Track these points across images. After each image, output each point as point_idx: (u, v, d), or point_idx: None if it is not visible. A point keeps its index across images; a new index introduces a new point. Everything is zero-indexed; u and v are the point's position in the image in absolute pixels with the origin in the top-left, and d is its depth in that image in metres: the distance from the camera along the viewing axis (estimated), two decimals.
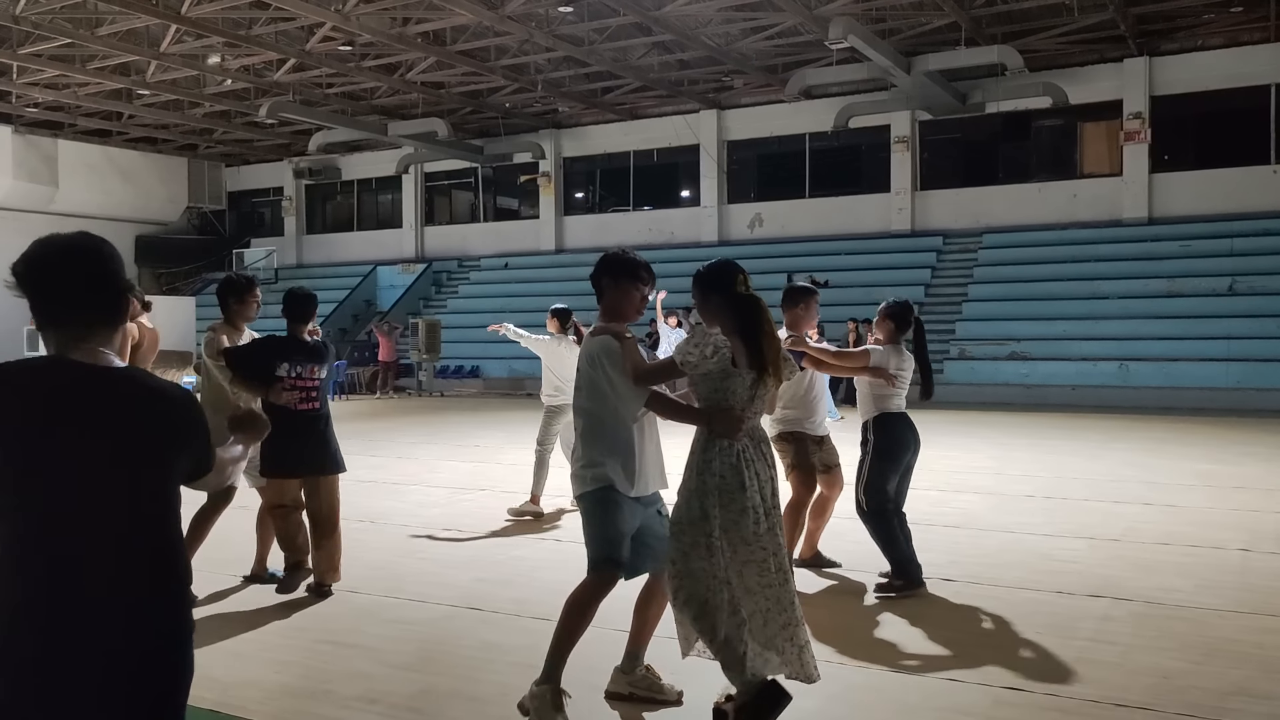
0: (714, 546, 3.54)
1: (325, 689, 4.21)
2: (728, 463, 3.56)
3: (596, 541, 3.82)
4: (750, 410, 3.62)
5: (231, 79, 23.39)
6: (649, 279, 3.95)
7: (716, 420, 3.58)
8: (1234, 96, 21.23)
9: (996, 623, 5.06)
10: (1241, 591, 5.62)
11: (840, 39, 17.55)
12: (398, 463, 11.53)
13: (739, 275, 3.67)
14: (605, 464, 3.78)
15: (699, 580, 3.55)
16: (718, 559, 3.53)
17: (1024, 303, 21.32)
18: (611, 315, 3.92)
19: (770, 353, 3.58)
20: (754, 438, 3.67)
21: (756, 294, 3.65)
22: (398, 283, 29.87)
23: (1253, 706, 3.93)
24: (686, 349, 3.59)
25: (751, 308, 3.60)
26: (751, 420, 3.65)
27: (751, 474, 3.58)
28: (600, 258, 4.03)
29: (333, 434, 5.68)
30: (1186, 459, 11.14)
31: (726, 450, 3.57)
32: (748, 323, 3.58)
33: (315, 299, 5.74)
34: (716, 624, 3.53)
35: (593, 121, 27.87)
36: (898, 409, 5.71)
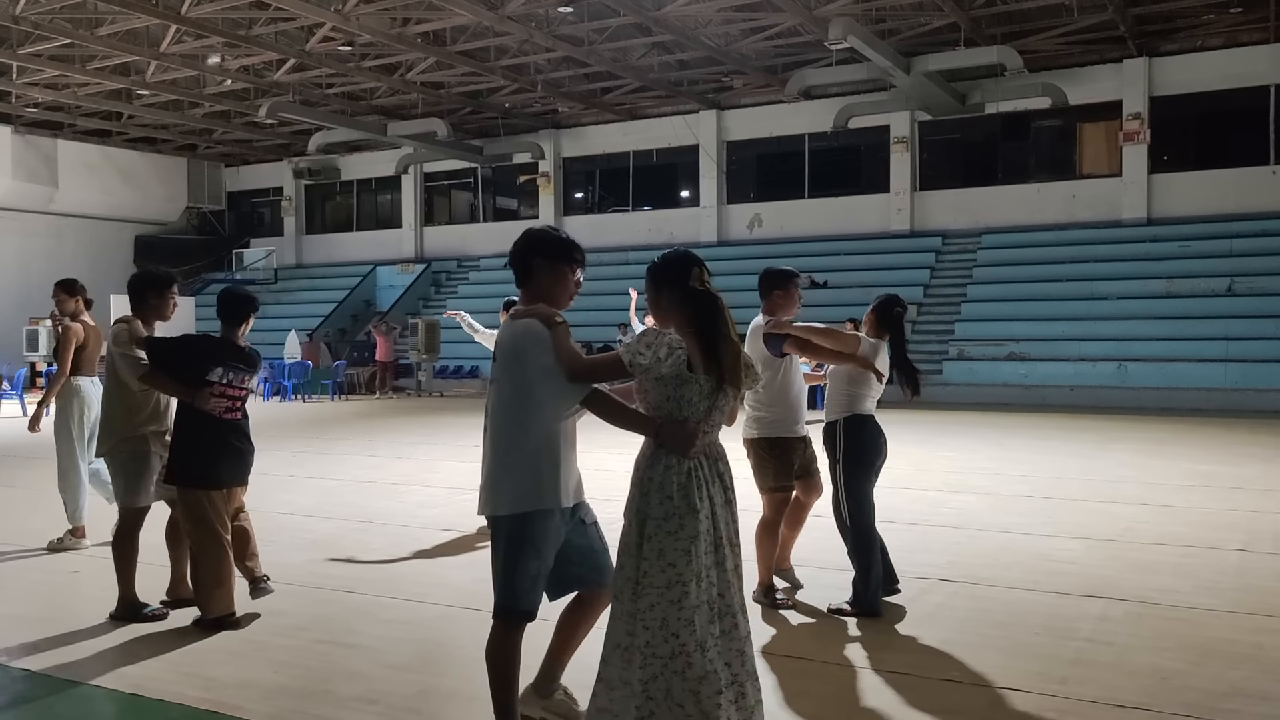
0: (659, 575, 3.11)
1: (324, 689, 4.21)
2: (676, 481, 3.10)
3: (504, 584, 3.34)
4: (707, 423, 3.16)
5: (231, 79, 23.39)
6: (582, 261, 3.55)
7: (667, 432, 3.12)
8: (1233, 97, 21.25)
9: (994, 623, 5.06)
10: (1239, 592, 5.62)
11: (840, 39, 17.57)
12: (396, 463, 11.52)
13: (695, 268, 3.20)
14: (524, 476, 3.30)
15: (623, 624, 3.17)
16: (634, 599, 3.13)
17: (1023, 303, 21.33)
18: (538, 300, 3.41)
19: (728, 357, 3.13)
20: (710, 455, 3.19)
21: (714, 290, 3.19)
22: (397, 283, 29.88)
23: (1250, 707, 3.93)
24: (637, 349, 3.13)
25: (709, 305, 3.15)
26: (709, 435, 3.18)
27: (704, 496, 3.11)
28: (525, 233, 3.53)
29: (251, 446, 5.26)
30: (1184, 459, 11.15)
31: (676, 467, 3.11)
32: (704, 322, 3.14)
33: (255, 301, 5.34)
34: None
35: (592, 122, 27.88)
36: (868, 411, 5.29)
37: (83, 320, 7.18)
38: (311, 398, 22.63)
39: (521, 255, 3.46)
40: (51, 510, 7.40)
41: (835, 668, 4.41)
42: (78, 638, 4.92)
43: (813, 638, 4.89)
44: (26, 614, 5.35)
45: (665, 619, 3.07)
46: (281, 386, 22.72)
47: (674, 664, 3.06)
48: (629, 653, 3.13)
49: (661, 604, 3.08)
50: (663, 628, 3.07)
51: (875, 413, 5.39)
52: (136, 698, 4.13)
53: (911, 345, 21.92)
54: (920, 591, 5.67)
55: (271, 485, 9.16)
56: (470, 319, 8.62)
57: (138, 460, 5.30)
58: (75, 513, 6.96)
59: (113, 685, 4.25)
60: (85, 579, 6.17)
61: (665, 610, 3.08)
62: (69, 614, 5.35)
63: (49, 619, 5.27)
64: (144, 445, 5.32)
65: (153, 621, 5.14)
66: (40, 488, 7.65)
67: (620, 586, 3.19)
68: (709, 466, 3.16)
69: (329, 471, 10.69)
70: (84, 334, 7.11)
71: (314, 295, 30.64)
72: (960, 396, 19.35)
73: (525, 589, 3.32)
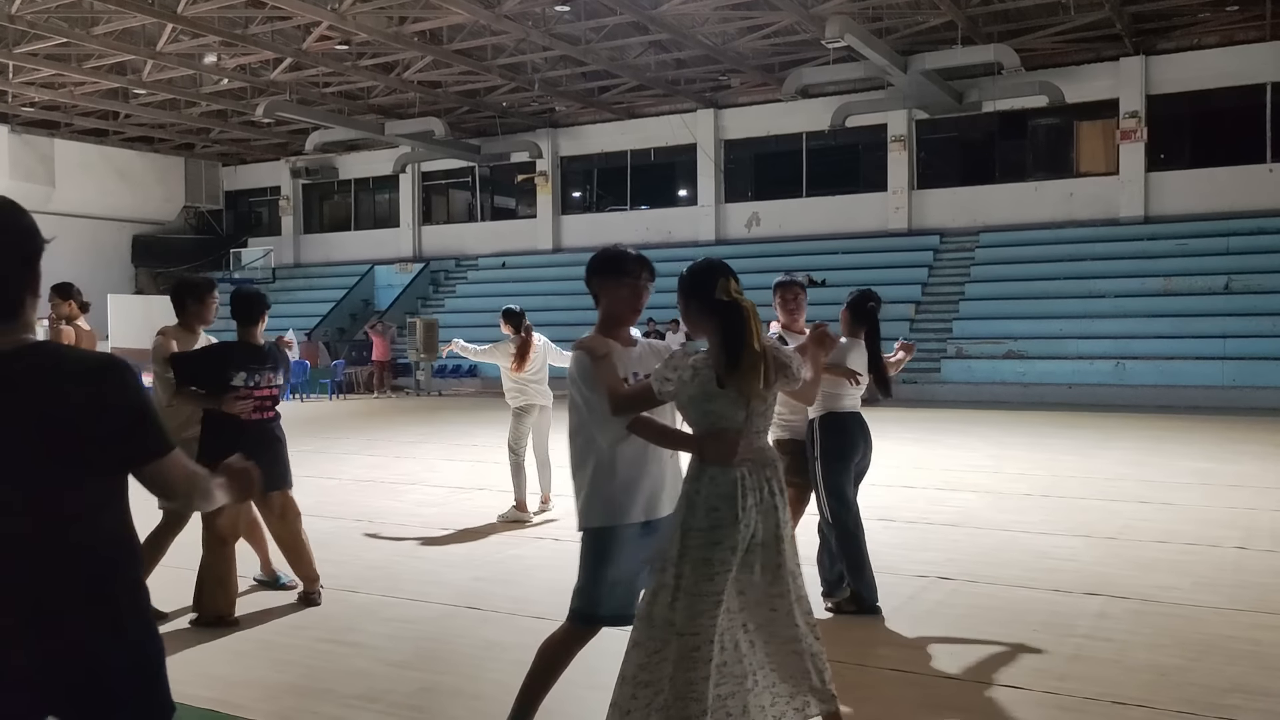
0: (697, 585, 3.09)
1: (326, 687, 4.22)
2: (719, 492, 3.10)
3: (579, 589, 3.45)
4: (748, 431, 3.14)
5: (228, 78, 23.38)
6: (639, 271, 3.50)
7: (707, 447, 3.12)
8: (1230, 95, 21.27)
9: (993, 621, 5.07)
10: (1238, 589, 5.64)
11: (837, 38, 17.58)
12: (396, 462, 11.53)
13: (720, 279, 3.16)
14: (591, 494, 3.40)
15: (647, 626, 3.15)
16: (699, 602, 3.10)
17: (1020, 301, 21.35)
18: (607, 321, 3.50)
19: (746, 362, 3.10)
20: (758, 461, 3.17)
21: (740, 299, 3.16)
22: (395, 282, 29.87)
23: (1249, 703, 3.95)
24: (663, 374, 3.15)
25: (732, 316, 3.13)
26: (756, 441, 3.18)
27: (746, 505, 3.10)
28: (590, 258, 3.61)
29: (283, 447, 5.37)
30: (1183, 457, 11.16)
31: (719, 478, 3.11)
32: (725, 332, 3.12)
33: (265, 299, 5.38)
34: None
35: (590, 121, 27.88)
36: (848, 408, 5.25)
37: (76, 324, 7.16)
38: (310, 397, 22.63)
39: (586, 281, 3.57)
40: None
41: (833, 665, 4.40)
42: None
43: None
44: None
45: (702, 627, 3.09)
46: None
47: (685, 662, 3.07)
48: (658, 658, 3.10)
49: (699, 612, 3.09)
50: (703, 635, 3.09)
51: (860, 409, 5.37)
52: None
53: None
54: (919, 589, 5.68)
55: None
56: (463, 344, 8.58)
57: None
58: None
59: None
60: None
61: (704, 620, 3.09)
62: None
63: None
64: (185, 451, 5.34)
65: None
66: None
67: (655, 593, 3.15)
68: (757, 474, 3.15)
69: (328, 471, 10.69)
70: (75, 338, 7.10)
71: (312, 295, 30.63)
72: (958, 395, 19.37)
73: (598, 597, 3.42)
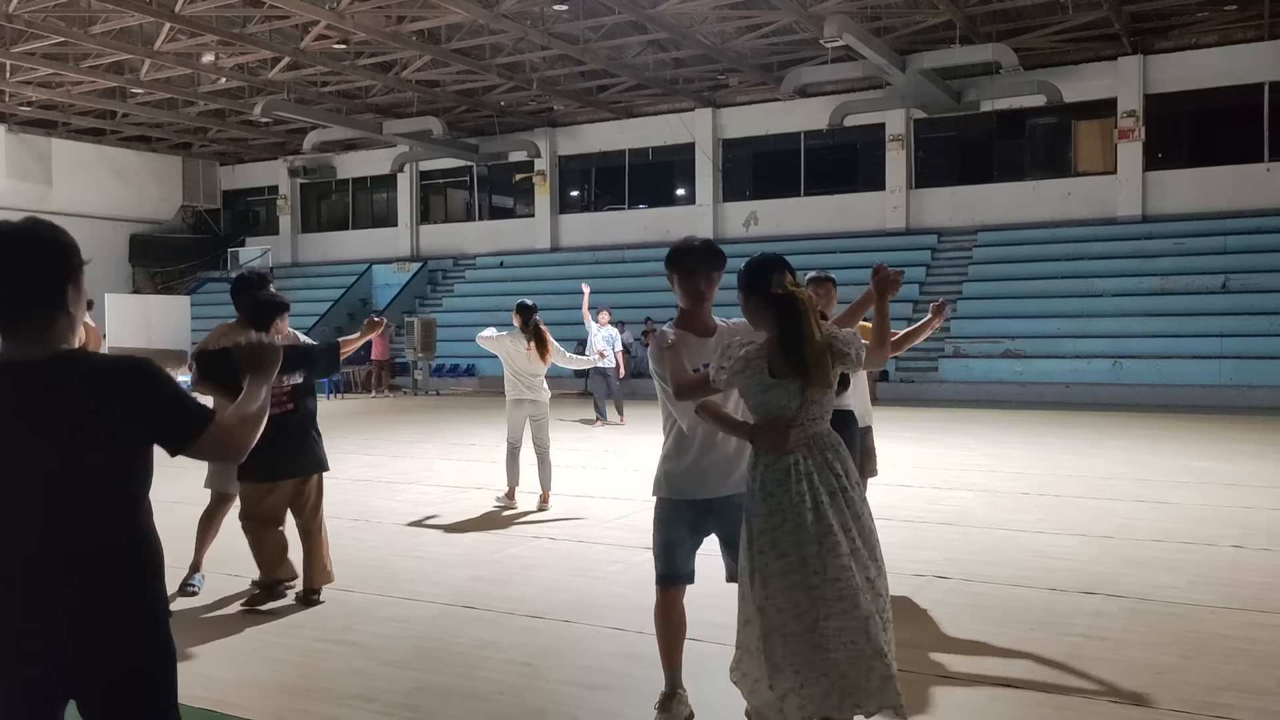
0: (767, 568, 3.24)
1: (322, 687, 4.22)
2: (773, 478, 3.24)
3: (654, 554, 3.79)
4: (804, 419, 3.25)
5: (226, 77, 23.36)
6: (696, 262, 3.67)
7: (759, 434, 3.28)
8: (1228, 95, 21.28)
9: (989, 619, 5.08)
10: (1234, 588, 5.64)
11: (835, 37, 17.58)
12: (393, 461, 11.52)
13: (774, 274, 3.29)
14: (666, 467, 3.71)
15: (747, 604, 3.32)
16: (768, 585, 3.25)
17: (1018, 300, 21.37)
18: (681, 311, 3.75)
19: (810, 358, 3.22)
20: (816, 447, 3.27)
21: (797, 292, 3.28)
22: (393, 281, 29.86)
23: (1244, 701, 3.95)
24: (719, 364, 3.33)
25: (788, 309, 3.25)
26: (812, 428, 3.27)
27: (803, 489, 3.21)
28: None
29: (313, 435, 5.54)
30: (1179, 456, 11.17)
31: (774, 465, 3.25)
32: (784, 325, 3.24)
33: (276, 304, 5.55)
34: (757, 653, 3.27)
35: (588, 120, 27.87)
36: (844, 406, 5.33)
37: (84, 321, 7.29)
38: None
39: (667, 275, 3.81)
40: None
41: None
42: None
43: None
44: None
45: (795, 601, 3.20)
46: None
47: (811, 637, 3.20)
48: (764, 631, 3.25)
49: (785, 589, 3.21)
50: (794, 609, 3.20)
51: (853, 407, 5.46)
52: None
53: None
54: (916, 588, 5.69)
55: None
56: (483, 333, 8.62)
57: None
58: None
59: None
60: None
61: (793, 594, 3.20)
62: None
63: None
64: None
65: (183, 594, 5.56)
66: None
67: (742, 578, 3.35)
68: (814, 459, 3.26)
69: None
70: (84, 335, 7.23)
71: (310, 294, 30.58)
72: (956, 394, 19.38)
73: (665, 556, 3.74)
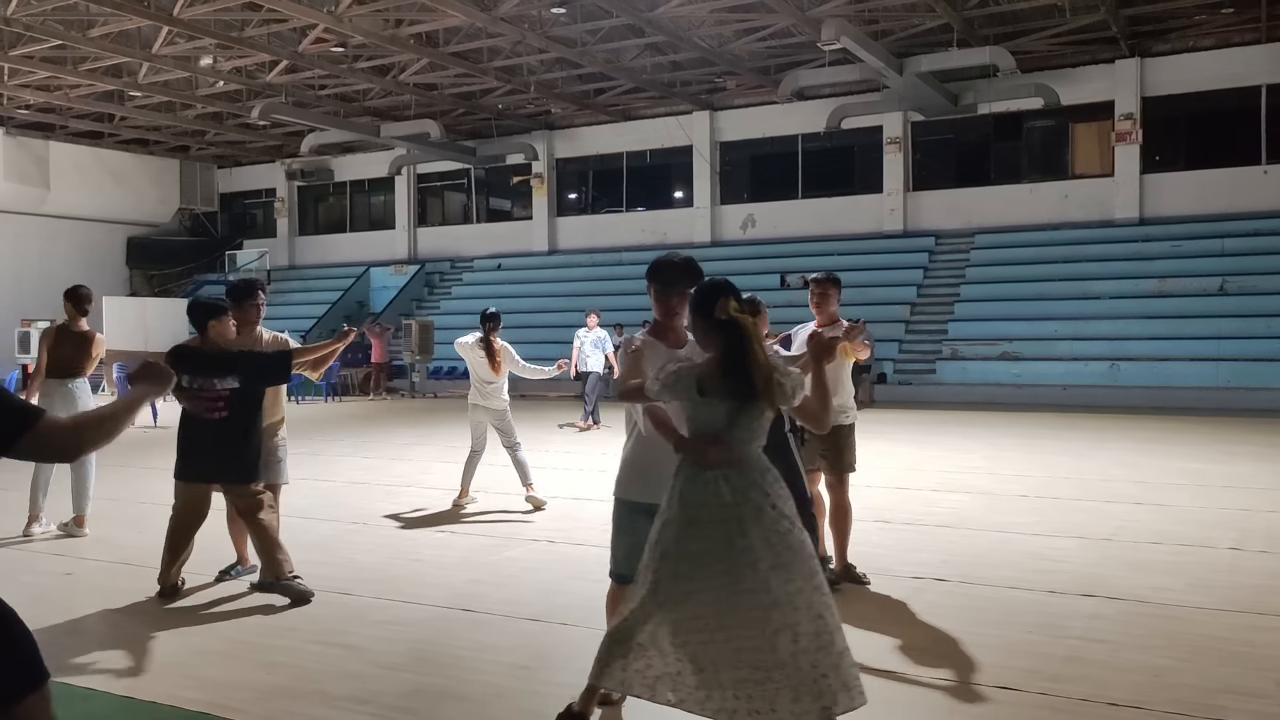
0: (657, 575, 3.33)
1: (316, 689, 4.21)
2: (692, 489, 3.33)
3: (611, 550, 3.96)
4: (731, 437, 3.32)
5: (223, 80, 23.35)
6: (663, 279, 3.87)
7: (684, 445, 3.39)
8: (1225, 97, 21.31)
9: (987, 622, 5.08)
10: (1231, 590, 5.64)
11: (833, 40, 17.58)
12: (390, 464, 11.51)
13: (721, 298, 3.38)
14: (621, 470, 3.92)
15: (628, 604, 3.41)
16: (666, 587, 3.32)
17: (1015, 303, 21.38)
18: (656, 321, 4.00)
19: (759, 378, 3.29)
20: (747, 467, 3.34)
21: (740, 318, 3.35)
22: (390, 284, 29.84)
23: (1241, 704, 3.95)
24: (655, 375, 3.45)
25: (731, 334, 3.34)
26: (740, 449, 3.34)
27: (724, 502, 3.28)
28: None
29: (244, 444, 5.54)
30: (1177, 458, 11.18)
31: (695, 476, 3.34)
32: (727, 349, 3.34)
33: (207, 308, 5.69)
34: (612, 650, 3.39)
35: (585, 123, 27.88)
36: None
37: (78, 327, 7.53)
38: (305, 399, 22.60)
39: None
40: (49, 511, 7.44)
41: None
42: (70, 640, 4.91)
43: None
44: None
45: (691, 608, 3.29)
46: None
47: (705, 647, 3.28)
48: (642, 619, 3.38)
49: (682, 594, 3.30)
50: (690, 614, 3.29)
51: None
52: (129, 699, 4.12)
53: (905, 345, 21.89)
54: (914, 590, 5.68)
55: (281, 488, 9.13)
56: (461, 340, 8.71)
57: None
58: (33, 505, 7.36)
59: (105, 687, 4.24)
60: (77, 581, 6.16)
61: (691, 600, 3.28)
62: (62, 616, 5.33)
63: (41, 621, 5.24)
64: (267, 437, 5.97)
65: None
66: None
67: (640, 573, 3.43)
68: (742, 479, 3.31)
69: (323, 473, 10.67)
70: (54, 337, 7.47)
71: (307, 297, 30.59)
72: (953, 396, 19.39)
73: (617, 555, 3.91)
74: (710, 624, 3.26)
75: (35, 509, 7.37)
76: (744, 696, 3.22)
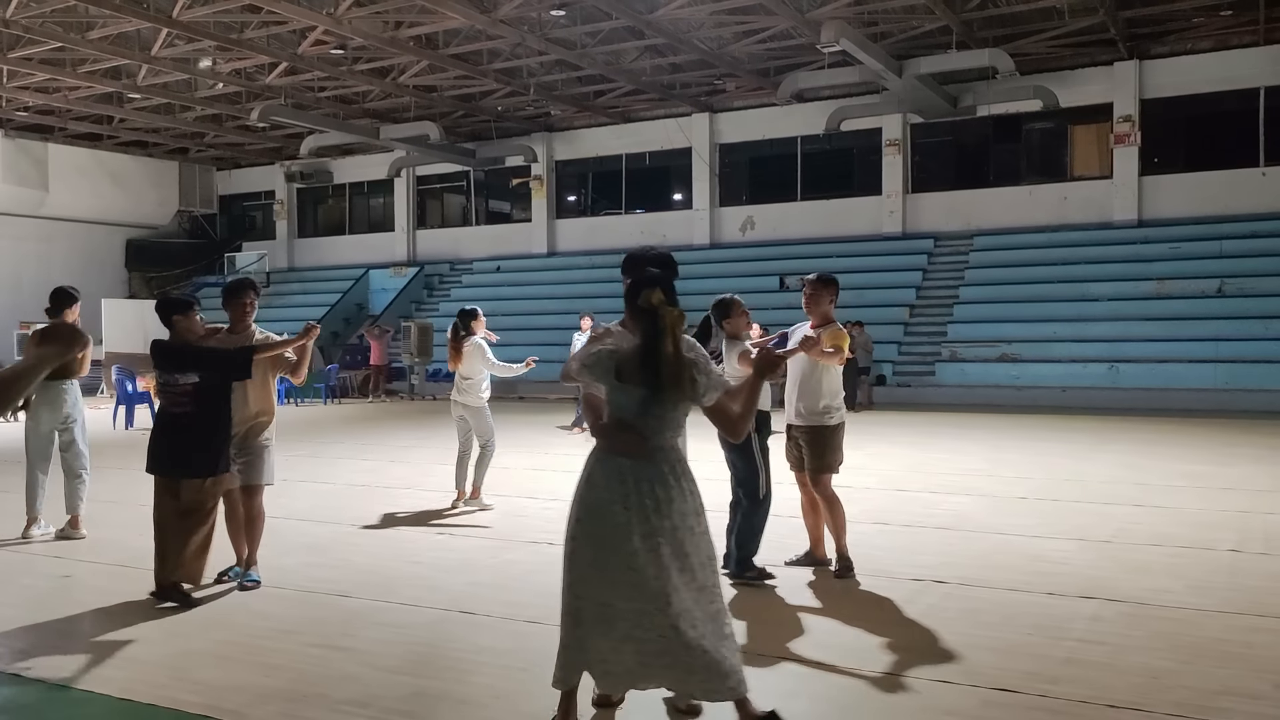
0: (575, 552, 3.46)
1: (317, 692, 4.20)
2: (601, 472, 3.42)
3: None
4: (642, 426, 3.38)
5: (223, 83, 23.36)
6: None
7: (599, 430, 3.47)
8: (1223, 99, 21.34)
9: (987, 624, 5.07)
10: (1230, 592, 5.64)
11: (832, 42, 17.60)
12: (390, 466, 11.51)
13: (646, 290, 3.44)
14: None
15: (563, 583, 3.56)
16: (574, 567, 3.47)
17: (1014, 304, 21.39)
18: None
19: (665, 370, 3.34)
20: (659, 458, 3.39)
21: (660, 309, 3.40)
22: (389, 286, 29.83)
23: (1241, 706, 3.95)
24: (578, 355, 3.54)
25: (648, 323, 3.40)
26: (654, 439, 3.39)
27: (628, 489, 3.35)
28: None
29: (203, 439, 5.55)
30: (1176, 460, 11.18)
31: (604, 460, 3.43)
32: (644, 338, 3.40)
33: (174, 303, 5.80)
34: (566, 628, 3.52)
35: (585, 125, 27.90)
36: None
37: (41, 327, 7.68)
38: (304, 401, 22.60)
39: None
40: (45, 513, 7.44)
41: (828, 668, 4.42)
42: (68, 642, 4.91)
43: (805, 639, 4.90)
44: (16, 618, 5.33)
45: (598, 587, 3.42)
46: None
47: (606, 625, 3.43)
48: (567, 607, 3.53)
49: (591, 574, 3.44)
50: (596, 594, 3.42)
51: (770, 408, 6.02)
52: (127, 702, 4.11)
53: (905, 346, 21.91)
54: (914, 593, 5.68)
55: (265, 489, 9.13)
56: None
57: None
58: (31, 508, 7.40)
59: (103, 690, 4.24)
60: (76, 583, 6.15)
61: (597, 581, 3.42)
62: (59, 618, 5.33)
63: (39, 623, 5.25)
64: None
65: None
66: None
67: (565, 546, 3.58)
68: (650, 469, 3.37)
69: (322, 475, 10.68)
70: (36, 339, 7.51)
71: (306, 299, 30.58)
72: (953, 398, 19.39)
73: None
74: (610, 612, 3.36)
75: (33, 511, 7.36)
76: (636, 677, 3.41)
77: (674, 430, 3.45)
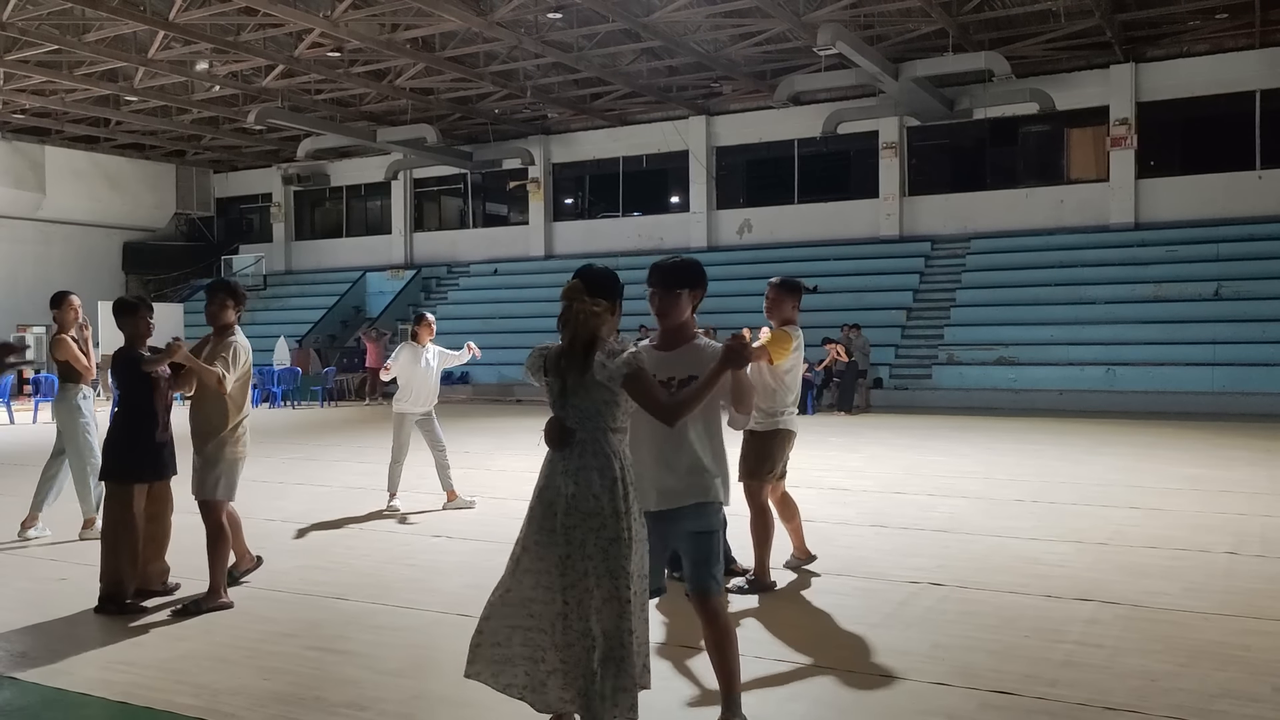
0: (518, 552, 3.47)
1: (315, 695, 4.20)
2: (543, 467, 3.45)
3: None
4: (564, 416, 3.37)
5: (220, 85, 23.36)
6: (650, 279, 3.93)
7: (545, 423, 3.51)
8: (1219, 103, 21.40)
9: (984, 626, 5.08)
10: (1227, 594, 5.65)
11: (829, 45, 17.63)
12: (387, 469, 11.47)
13: (572, 280, 3.42)
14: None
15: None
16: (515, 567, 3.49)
17: (1011, 307, 21.42)
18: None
19: (566, 358, 3.35)
20: (586, 452, 3.34)
21: (573, 299, 3.36)
22: (387, 289, 29.83)
23: (1238, 708, 3.95)
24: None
25: (562, 315, 3.41)
26: (580, 433, 3.35)
27: (546, 481, 3.40)
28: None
29: (121, 442, 5.67)
30: (1173, 463, 11.20)
31: (546, 456, 3.46)
32: (561, 330, 3.43)
33: (118, 304, 5.81)
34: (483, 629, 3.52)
35: (582, 127, 27.91)
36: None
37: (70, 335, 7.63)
38: (301, 404, 22.57)
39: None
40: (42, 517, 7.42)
41: (825, 671, 4.42)
42: (65, 645, 4.90)
43: (803, 641, 4.90)
44: (14, 621, 5.32)
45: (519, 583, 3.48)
46: (271, 393, 22.66)
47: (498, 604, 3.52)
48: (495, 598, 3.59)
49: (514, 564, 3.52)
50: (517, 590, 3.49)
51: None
52: (125, 705, 4.11)
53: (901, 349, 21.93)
54: (910, 595, 5.68)
55: (262, 492, 9.14)
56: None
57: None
58: (34, 509, 7.43)
59: (101, 693, 4.23)
60: (73, 586, 6.14)
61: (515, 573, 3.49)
62: (56, 621, 5.32)
63: (36, 626, 5.24)
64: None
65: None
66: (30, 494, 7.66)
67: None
68: (573, 462, 3.35)
69: (319, 478, 10.67)
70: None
71: (303, 301, 30.57)
72: (950, 401, 19.41)
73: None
74: (532, 609, 3.41)
75: (34, 513, 7.34)
76: (523, 670, 3.43)
77: (597, 422, 3.33)
